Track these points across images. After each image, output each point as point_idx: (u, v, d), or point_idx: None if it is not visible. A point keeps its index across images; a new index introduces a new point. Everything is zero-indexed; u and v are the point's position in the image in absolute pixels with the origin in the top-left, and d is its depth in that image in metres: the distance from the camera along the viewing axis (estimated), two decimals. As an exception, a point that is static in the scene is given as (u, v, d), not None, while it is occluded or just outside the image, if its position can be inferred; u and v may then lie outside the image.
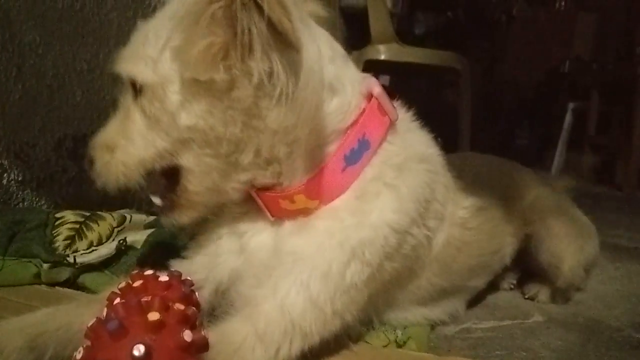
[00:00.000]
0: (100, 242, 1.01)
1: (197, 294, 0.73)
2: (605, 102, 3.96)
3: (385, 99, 0.75)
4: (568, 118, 4.44)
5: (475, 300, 1.04)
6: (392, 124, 0.76)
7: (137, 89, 0.70)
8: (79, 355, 0.51)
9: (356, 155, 0.73)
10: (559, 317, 1.05)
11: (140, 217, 1.10)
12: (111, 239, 1.02)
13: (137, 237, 1.03)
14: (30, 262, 0.94)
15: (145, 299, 0.58)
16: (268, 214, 0.76)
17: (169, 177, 0.74)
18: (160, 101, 0.68)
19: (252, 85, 0.64)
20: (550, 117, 4.65)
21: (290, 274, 0.70)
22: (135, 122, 0.71)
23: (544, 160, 4.49)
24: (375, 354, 0.79)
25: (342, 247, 0.71)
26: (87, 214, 1.05)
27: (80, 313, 0.71)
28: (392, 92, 0.78)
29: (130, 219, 1.08)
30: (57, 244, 0.98)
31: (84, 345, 0.53)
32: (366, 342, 0.81)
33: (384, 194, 0.74)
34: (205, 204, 0.75)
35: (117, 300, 0.67)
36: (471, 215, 0.90)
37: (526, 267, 1.16)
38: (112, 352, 0.50)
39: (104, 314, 0.67)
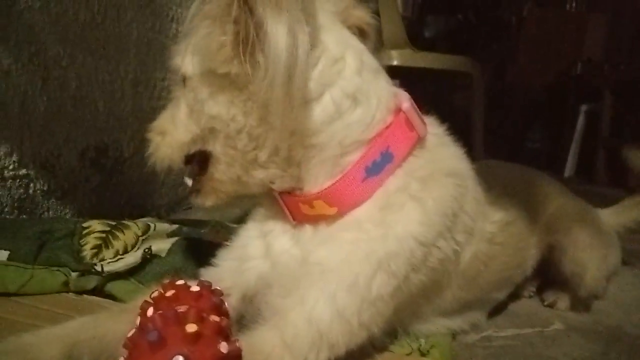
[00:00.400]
0: (125, 251, 1.03)
1: (226, 303, 0.75)
2: (618, 104, 3.94)
3: (414, 114, 0.76)
4: (580, 120, 4.43)
5: (495, 309, 1.04)
6: (420, 139, 0.77)
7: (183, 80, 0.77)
8: (119, 368, 0.53)
9: (378, 167, 0.74)
10: (579, 325, 1.06)
11: (164, 226, 1.13)
12: (136, 247, 1.05)
13: (162, 246, 1.05)
14: (59, 270, 0.96)
15: (181, 310, 0.60)
16: (290, 217, 0.78)
17: (201, 163, 0.79)
18: (194, 91, 0.74)
19: (260, 80, 0.66)
20: (562, 119, 4.63)
21: (317, 285, 0.71)
22: (180, 110, 0.78)
23: (556, 163, 4.48)
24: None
25: (369, 259, 0.72)
26: (113, 223, 1.07)
27: (114, 322, 0.73)
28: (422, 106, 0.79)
29: (154, 227, 1.10)
30: (84, 253, 1.00)
31: (124, 355, 0.55)
32: (390, 351, 0.82)
33: (408, 206, 0.75)
34: (228, 193, 0.80)
35: (151, 309, 0.69)
36: (499, 230, 0.91)
37: (546, 275, 1.16)
38: (152, 364, 0.52)
39: (137, 322, 0.69)
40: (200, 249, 1.09)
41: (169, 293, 0.70)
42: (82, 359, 0.68)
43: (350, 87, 0.72)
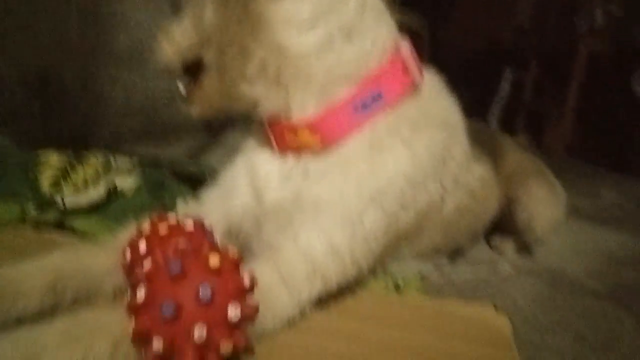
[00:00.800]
0: (85, 186, 0.97)
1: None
2: (543, 71, 4.16)
3: (411, 61, 0.76)
4: (505, 83, 4.65)
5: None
6: (414, 86, 0.77)
7: None
8: (139, 295, 0.51)
9: (367, 105, 0.75)
10: (525, 268, 1.15)
11: (125, 162, 1.07)
12: (97, 182, 0.99)
13: (127, 183, 1.00)
14: (13, 201, 0.89)
15: (188, 245, 0.58)
16: (275, 146, 0.78)
17: (196, 72, 0.78)
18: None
19: None
20: (488, 82, 4.83)
21: (311, 220, 0.72)
22: (187, 16, 0.78)
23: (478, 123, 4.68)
24: (378, 300, 0.83)
25: (361, 194, 0.73)
26: (72, 155, 1.00)
27: (97, 257, 0.70)
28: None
29: (116, 162, 1.04)
30: (41, 185, 0.93)
31: (140, 287, 0.52)
32: (368, 287, 0.84)
33: (398, 147, 0.76)
34: (215, 105, 0.80)
35: (143, 245, 0.66)
36: (480, 185, 0.95)
37: (494, 221, 1.23)
38: (173, 293, 0.50)
39: (128, 257, 0.67)
40: (167, 188, 1.06)
41: (163, 230, 0.68)
42: (67, 293, 0.65)
43: (346, 22, 0.72)
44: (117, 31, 1.56)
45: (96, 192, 0.95)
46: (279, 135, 0.77)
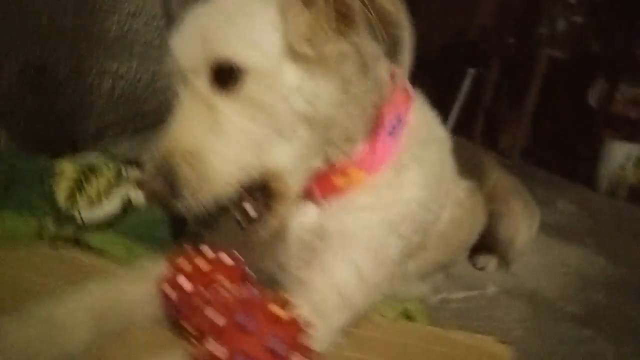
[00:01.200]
0: (99, 198, 0.97)
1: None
2: (504, 73, 4.30)
3: (407, 82, 0.81)
4: (466, 83, 4.78)
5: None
6: (412, 104, 0.83)
7: (224, 76, 0.64)
8: (218, 352, 0.53)
9: (394, 130, 0.79)
10: (507, 288, 1.23)
11: (136, 173, 1.06)
12: (110, 194, 0.98)
13: (139, 194, 1.00)
14: (31, 215, 0.88)
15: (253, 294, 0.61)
16: (318, 195, 0.78)
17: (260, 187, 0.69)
18: (271, 87, 0.64)
19: (361, 55, 0.70)
20: (449, 80, 4.93)
21: (340, 252, 0.75)
22: (229, 115, 0.64)
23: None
24: (392, 327, 0.88)
25: (384, 222, 0.78)
26: (85, 165, 0.99)
27: (134, 287, 0.72)
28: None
29: (127, 173, 1.04)
30: (57, 198, 0.92)
31: (210, 340, 0.54)
32: (381, 315, 0.90)
33: (412, 168, 0.80)
34: (298, 189, 0.72)
35: (187, 283, 0.68)
36: (466, 196, 1.01)
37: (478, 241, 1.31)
38: (246, 346, 0.53)
39: (173, 297, 0.69)
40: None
41: (203, 265, 0.70)
42: (108, 326, 0.67)
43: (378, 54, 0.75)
44: (109, 19, 1.52)
45: (111, 205, 0.95)
46: (325, 181, 0.77)
